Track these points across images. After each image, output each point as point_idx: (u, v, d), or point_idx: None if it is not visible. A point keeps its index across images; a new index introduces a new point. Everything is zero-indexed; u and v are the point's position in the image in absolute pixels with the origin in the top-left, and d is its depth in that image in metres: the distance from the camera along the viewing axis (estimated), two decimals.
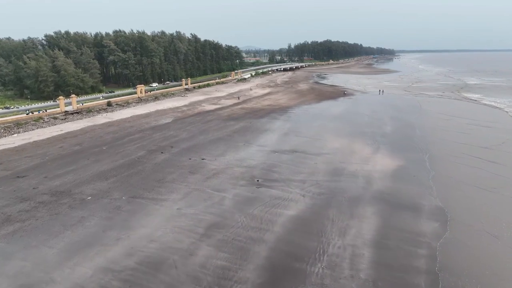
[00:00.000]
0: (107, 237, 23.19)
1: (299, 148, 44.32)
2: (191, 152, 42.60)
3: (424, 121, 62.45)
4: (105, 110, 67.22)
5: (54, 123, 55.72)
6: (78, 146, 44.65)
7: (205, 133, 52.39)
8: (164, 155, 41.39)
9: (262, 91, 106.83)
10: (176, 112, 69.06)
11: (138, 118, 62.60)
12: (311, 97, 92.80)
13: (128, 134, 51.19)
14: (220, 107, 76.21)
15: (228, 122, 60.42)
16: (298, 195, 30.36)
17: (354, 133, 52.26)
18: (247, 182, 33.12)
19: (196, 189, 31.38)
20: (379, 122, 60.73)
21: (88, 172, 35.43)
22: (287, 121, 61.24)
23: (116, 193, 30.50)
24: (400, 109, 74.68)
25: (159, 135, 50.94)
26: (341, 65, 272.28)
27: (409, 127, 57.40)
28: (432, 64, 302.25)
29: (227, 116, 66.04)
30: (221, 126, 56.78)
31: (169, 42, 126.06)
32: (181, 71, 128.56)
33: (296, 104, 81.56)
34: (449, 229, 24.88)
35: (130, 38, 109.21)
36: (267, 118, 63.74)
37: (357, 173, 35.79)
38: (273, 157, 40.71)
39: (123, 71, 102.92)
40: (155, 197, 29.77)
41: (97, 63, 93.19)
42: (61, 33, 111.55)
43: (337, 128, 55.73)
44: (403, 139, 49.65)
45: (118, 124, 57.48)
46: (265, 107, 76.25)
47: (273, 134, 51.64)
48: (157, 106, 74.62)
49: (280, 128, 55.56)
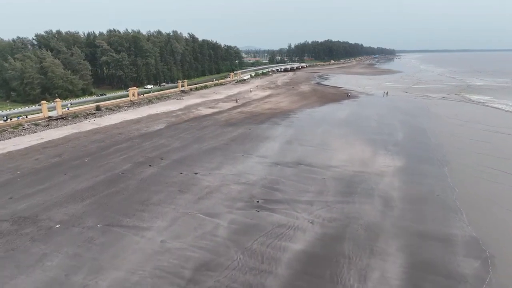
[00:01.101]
0: (69, 285, 18.54)
1: (304, 160, 39.71)
2: (183, 165, 37.96)
3: (436, 126, 57.88)
4: (93, 115, 62.47)
5: (35, 130, 50.97)
6: (57, 158, 39.96)
7: (200, 141, 47.76)
8: (152, 169, 36.74)
9: (262, 93, 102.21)
10: (170, 117, 64.38)
11: (128, 124, 57.89)
12: (313, 100, 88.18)
13: (115, 143, 46.51)
14: (217, 111, 71.56)
15: (225, 128, 55.78)
16: (306, 221, 25.75)
17: (363, 141, 47.67)
18: (245, 204, 28.50)
19: (186, 214, 26.76)
20: (388, 128, 56.13)
21: (62, 191, 30.77)
22: (290, 127, 56.61)
23: (90, 219, 25.84)
24: (408, 113, 70.12)
25: (149, 144, 46.27)
26: (342, 66, 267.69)
27: (422, 133, 52.82)
28: (433, 64, 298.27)
29: (225, 121, 61.41)
30: (217, 133, 52.14)
31: (165, 42, 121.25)
32: (178, 72, 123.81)
33: (298, 107, 76.95)
34: (492, 270, 20.29)
35: (124, 38, 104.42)
36: (268, 124, 59.12)
37: (372, 191, 31.20)
38: (275, 171, 36.09)
39: (117, 72, 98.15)
40: (136, 224, 25.13)
41: (88, 64, 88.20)
42: (52, 32, 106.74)
43: (344, 135, 51.11)
44: (418, 149, 45.04)
45: (106, 131, 52.78)
46: (265, 111, 71.63)
47: (275, 143, 47.03)
48: (150, 110, 69.91)
49: (282, 135, 50.95)
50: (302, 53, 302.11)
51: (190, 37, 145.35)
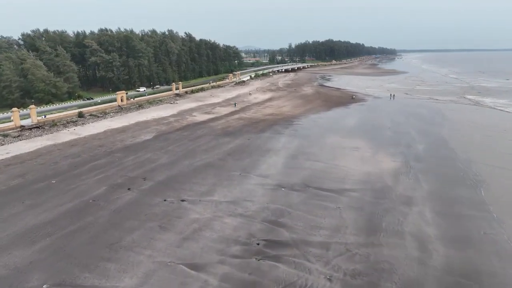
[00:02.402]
0: None
1: (314, 180, 33.44)
2: (168, 188, 31.69)
3: (458, 136, 51.64)
4: (74, 123, 56.00)
5: (2, 142, 44.44)
6: (19, 179, 33.62)
7: (192, 155, 41.47)
8: (130, 194, 30.46)
9: (263, 96, 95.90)
10: (160, 125, 58.01)
11: (112, 134, 51.54)
12: (318, 104, 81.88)
13: (93, 158, 40.17)
14: (214, 117, 65.24)
15: (221, 138, 49.50)
16: (322, 277, 19.48)
17: (380, 155, 41.41)
18: (242, 248, 22.21)
19: (164, 265, 20.48)
20: (406, 138, 49.86)
21: (11, 228, 24.47)
22: (294, 137, 50.31)
23: (37, 275, 19.55)
24: (422, 119, 63.86)
25: (132, 159, 39.95)
26: (344, 66, 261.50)
27: (444, 145, 46.53)
28: (435, 64, 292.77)
29: (221, 129, 55.10)
30: (212, 145, 45.85)
31: (160, 42, 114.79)
32: (174, 74, 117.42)
33: (302, 112, 70.64)
34: None
35: (115, 37, 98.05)
36: (269, 133, 52.84)
37: (401, 227, 24.95)
38: (279, 197, 29.84)
39: (107, 74, 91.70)
40: (96, 284, 18.83)
41: (75, 65, 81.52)
42: (40, 31, 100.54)
43: (356, 147, 44.84)
44: (444, 165, 38.71)
45: (85, 143, 46.44)
46: (266, 117, 65.33)
47: (278, 157, 40.75)
48: (139, 117, 63.51)
49: (286, 148, 44.69)
50: (303, 53, 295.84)
51: (187, 37, 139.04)
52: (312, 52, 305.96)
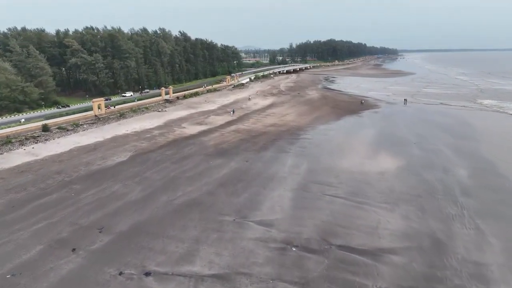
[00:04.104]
0: None
1: (335, 232, 24.06)
2: (130, 248, 22.25)
3: (504, 155, 42.14)
4: (35, 139, 46.38)
5: None
6: None
7: (173, 187, 32.03)
8: (73, 260, 21.01)
9: (264, 101, 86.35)
10: (141, 140, 48.42)
11: (78, 154, 41.97)
12: (326, 111, 72.38)
13: (41, 193, 30.67)
14: (206, 129, 55.70)
15: (213, 159, 40.04)
16: None
17: (413, 186, 31.98)
18: None
19: None
20: (439, 158, 40.44)
21: None
22: (302, 157, 40.84)
23: None
24: (449, 130, 54.51)
25: (93, 194, 30.46)
26: (347, 66, 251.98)
27: (492, 169, 37.06)
28: (440, 65, 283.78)
29: (214, 146, 45.62)
30: (201, 170, 36.39)
31: (150, 42, 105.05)
32: (166, 76, 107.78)
33: (309, 122, 61.13)
34: None
35: (99, 36, 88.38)
36: (272, 151, 43.38)
37: None
38: (290, 266, 20.45)
39: (89, 77, 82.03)
40: None
41: (49, 67, 71.52)
42: (17, 29, 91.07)
43: (381, 172, 35.40)
44: (502, 203, 29.27)
45: (40, 168, 36.88)
46: (268, 129, 55.84)
47: (284, 189, 31.34)
48: (117, 130, 53.92)
49: (294, 173, 35.25)
50: (305, 53, 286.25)
51: (182, 36, 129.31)
52: (313, 52, 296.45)
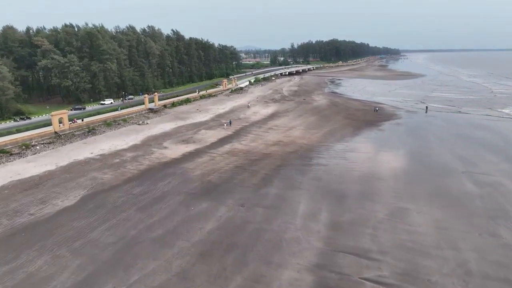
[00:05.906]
0: None
1: None
2: None
3: None
4: None
5: None
6: None
7: (126, 263, 20.66)
8: None
9: (265, 110, 74.90)
10: (104, 169, 36.89)
11: (10, 193, 30.50)
12: (339, 123, 60.93)
13: None
14: (193, 151, 44.23)
15: (196, 202, 28.66)
16: None
17: (499, 262, 20.57)
18: None
19: None
20: (506, 199, 29.01)
21: None
22: (319, 198, 29.42)
23: None
24: (497, 151, 43.52)
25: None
26: (352, 67, 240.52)
27: None
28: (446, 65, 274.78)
29: (200, 178, 34.15)
30: (176, 224, 25.04)
31: (137, 41, 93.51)
32: (154, 80, 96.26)
33: (321, 139, 49.68)
34: None
35: (74, 35, 76.86)
36: (277, 186, 31.97)
37: None
38: None
39: (63, 81, 70.61)
40: None
41: (7, 71, 59.47)
42: None
43: (437, 228, 23.96)
44: None
45: None
46: (270, 150, 44.42)
47: (298, 269, 20.19)
48: (79, 152, 42.42)
49: (310, 232, 23.90)
50: (307, 53, 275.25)
51: (174, 35, 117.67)
52: (316, 53, 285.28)
